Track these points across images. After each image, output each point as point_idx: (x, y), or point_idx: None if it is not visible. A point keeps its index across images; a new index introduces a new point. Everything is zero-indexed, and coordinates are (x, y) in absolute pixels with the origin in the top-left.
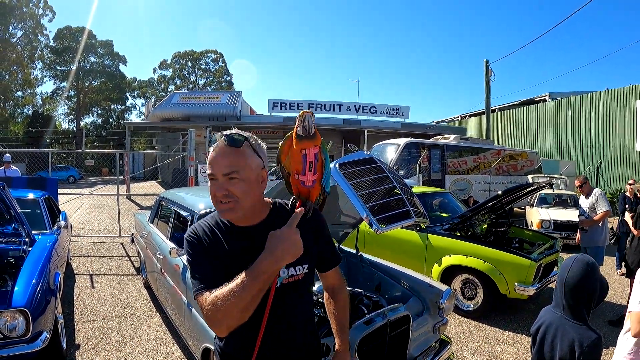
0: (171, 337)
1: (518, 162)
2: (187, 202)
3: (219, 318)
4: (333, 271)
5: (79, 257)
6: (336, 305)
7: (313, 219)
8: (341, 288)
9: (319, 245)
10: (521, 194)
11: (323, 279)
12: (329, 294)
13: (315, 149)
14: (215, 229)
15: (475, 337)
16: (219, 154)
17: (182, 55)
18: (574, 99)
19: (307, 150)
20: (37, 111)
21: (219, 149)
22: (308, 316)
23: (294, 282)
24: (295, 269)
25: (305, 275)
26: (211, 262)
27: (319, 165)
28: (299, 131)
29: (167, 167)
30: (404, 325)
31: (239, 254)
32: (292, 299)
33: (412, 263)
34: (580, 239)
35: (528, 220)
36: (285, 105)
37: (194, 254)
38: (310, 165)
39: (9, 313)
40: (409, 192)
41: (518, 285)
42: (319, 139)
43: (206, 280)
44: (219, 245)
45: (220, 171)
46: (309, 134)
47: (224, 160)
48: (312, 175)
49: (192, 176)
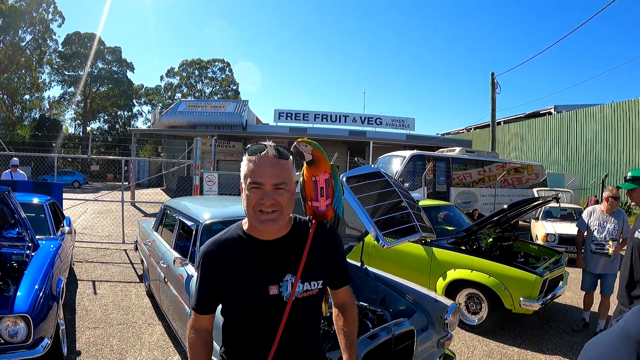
0: (173, 347)
1: (523, 175)
2: (192, 211)
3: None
4: (345, 289)
5: (82, 263)
6: (346, 322)
7: (331, 237)
8: (351, 305)
9: (335, 263)
10: (527, 208)
11: (334, 295)
12: (339, 311)
13: (325, 175)
14: (236, 244)
15: (479, 352)
16: (268, 164)
17: (190, 63)
18: (579, 112)
19: (317, 177)
20: (44, 115)
21: (266, 159)
22: (317, 330)
23: (308, 297)
24: (310, 284)
25: (319, 290)
26: (212, 288)
27: (330, 190)
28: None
29: (172, 175)
30: (408, 340)
31: (258, 267)
32: (304, 313)
33: (417, 277)
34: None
35: (533, 233)
36: (291, 115)
37: (202, 273)
38: (322, 191)
39: (10, 318)
40: (415, 207)
41: (523, 300)
42: (326, 166)
43: (199, 303)
44: (236, 262)
45: (270, 181)
46: (309, 162)
47: (274, 171)
48: (325, 200)
49: (197, 185)
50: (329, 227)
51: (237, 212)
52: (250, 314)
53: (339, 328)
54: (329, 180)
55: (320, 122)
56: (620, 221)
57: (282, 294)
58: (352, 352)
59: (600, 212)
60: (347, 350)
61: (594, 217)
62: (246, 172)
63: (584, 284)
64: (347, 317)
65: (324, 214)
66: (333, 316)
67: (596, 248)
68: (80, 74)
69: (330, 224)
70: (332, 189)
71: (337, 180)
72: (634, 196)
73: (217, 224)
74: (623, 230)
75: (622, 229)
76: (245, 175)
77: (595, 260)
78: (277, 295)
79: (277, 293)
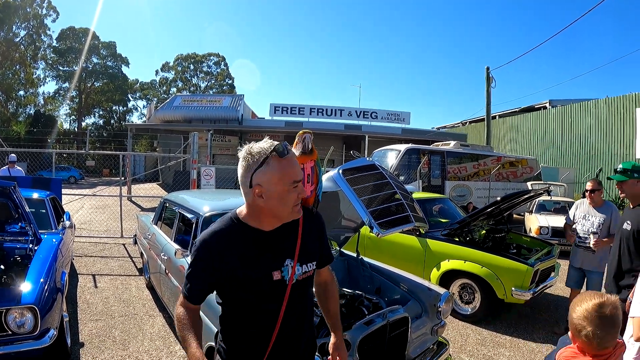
0: (174, 337)
1: (518, 168)
2: (192, 204)
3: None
4: (327, 268)
5: (81, 257)
6: (330, 298)
7: (317, 222)
8: (333, 281)
9: (322, 245)
10: (519, 200)
11: (318, 274)
12: (322, 289)
13: (311, 162)
14: (234, 234)
15: (473, 340)
16: (296, 162)
17: (185, 57)
18: (574, 107)
19: (305, 165)
20: (39, 111)
21: (294, 158)
22: (311, 308)
23: (306, 278)
24: (307, 265)
25: (313, 271)
26: (204, 278)
27: (314, 177)
28: (299, 148)
29: (168, 170)
30: (403, 326)
31: (261, 256)
32: (303, 293)
33: (412, 267)
34: (579, 261)
35: (527, 226)
36: (287, 109)
37: (197, 264)
38: (309, 178)
39: (18, 310)
40: (409, 198)
41: (515, 290)
42: (315, 154)
43: (190, 291)
44: (236, 252)
45: (301, 176)
46: (307, 150)
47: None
48: (310, 186)
49: (194, 179)
50: (315, 214)
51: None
52: (254, 300)
53: (324, 305)
54: (314, 167)
55: (315, 116)
56: (608, 215)
57: (284, 278)
58: (339, 327)
59: (587, 205)
60: (337, 326)
61: (580, 210)
62: (283, 173)
63: (568, 279)
64: (330, 295)
65: (307, 200)
66: (317, 297)
67: (579, 241)
68: (75, 69)
69: (315, 208)
70: (317, 176)
71: (320, 167)
72: (624, 188)
73: (217, 216)
74: (611, 225)
75: (610, 223)
76: (282, 176)
77: (578, 254)
78: (280, 280)
79: (280, 278)
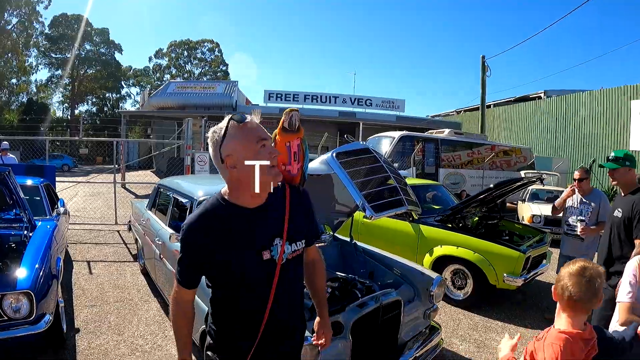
0: (169, 322)
1: (512, 157)
2: (186, 189)
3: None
4: (314, 246)
5: (76, 244)
6: (317, 276)
7: (304, 199)
8: (320, 259)
9: (310, 222)
10: (512, 187)
11: (306, 253)
12: (310, 267)
13: (297, 140)
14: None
15: (465, 325)
16: (260, 126)
17: (178, 44)
18: (569, 97)
19: (291, 142)
20: (32, 99)
21: (256, 123)
22: (302, 286)
23: (296, 257)
24: (296, 244)
25: (302, 250)
26: (197, 262)
27: (301, 154)
28: (285, 125)
29: (162, 156)
30: (395, 309)
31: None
32: (293, 271)
33: (405, 253)
34: (568, 249)
35: (520, 215)
36: (281, 96)
37: (186, 248)
38: (295, 155)
39: (13, 295)
40: (402, 182)
41: (507, 276)
42: (302, 132)
43: (182, 278)
44: (224, 232)
45: (268, 136)
46: (294, 128)
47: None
48: (297, 164)
49: (188, 165)
50: (302, 191)
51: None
52: (245, 281)
53: (313, 287)
54: (300, 145)
55: (310, 103)
56: (597, 203)
57: (274, 257)
58: (326, 308)
59: (575, 193)
60: (323, 305)
61: (569, 198)
62: (245, 136)
63: (558, 267)
64: (319, 272)
65: (294, 178)
66: (305, 276)
67: (567, 229)
68: (68, 57)
69: (301, 186)
70: (303, 153)
71: (306, 145)
72: (616, 176)
73: None
74: (599, 213)
75: (599, 211)
76: (246, 139)
77: (567, 242)
78: (269, 259)
79: (270, 257)
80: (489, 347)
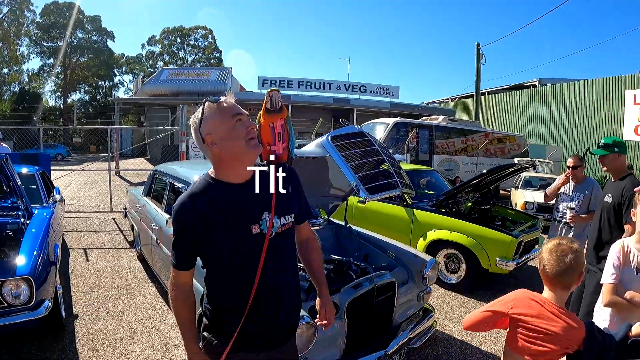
0: (166, 306)
1: (505, 145)
2: (182, 174)
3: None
4: (306, 224)
5: (71, 232)
6: (312, 253)
7: (291, 177)
8: (314, 237)
9: (300, 199)
10: (505, 173)
11: (299, 231)
12: (304, 246)
13: (281, 121)
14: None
15: (458, 308)
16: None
17: (171, 31)
18: (563, 86)
19: (274, 123)
20: (24, 88)
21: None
22: (294, 261)
23: (286, 230)
24: (285, 217)
25: (292, 224)
26: (190, 242)
27: (285, 134)
28: (267, 106)
29: (156, 144)
30: (389, 291)
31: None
32: (283, 245)
33: (399, 237)
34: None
35: (513, 201)
36: (275, 82)
37: (179, 229)
38: (279, 136)
39: (13, 281)
40: (396, 165)
41: (499, 260)
42: (285, 112)
43: (178, 260)
44: (213, 210)
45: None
46: (276, 108)
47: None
48: (282, 144)
49: (183, 151)
50: (288, 168)
51: None
52: (235, 255)
53: (309, 265)
54: (284, 125)
55: (304, 89)
56: (589, 192)
57: (263, 231)
58: (325, 286)
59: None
60: (323, 283)
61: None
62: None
63: None
64: (313, 250)
65: (280, 158)
66: (300, 255)
67: (557, 216)
68: (60, 45)
69: (288, 165)
70: (287, 133)
71: (290, 125)
72: (605, 162)
73: None
74: (591, 202)
75: (590, 199)
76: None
77: (555, 229)
78: (258, 233)
79: (259, 231)
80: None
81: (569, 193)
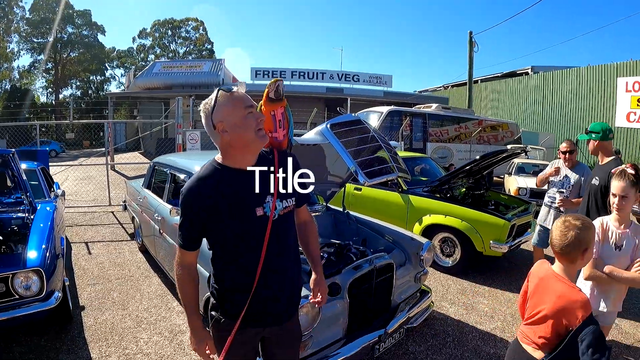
0: (171, 295)
1: (499, 132)
2: (183, 164)
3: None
4: (305, 207)
5: (72, 227)
6: (310, 236)
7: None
8: (312, 220)
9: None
10: (497, 159)
11: (297, 214)
12: (302, 228)
13: (281, 109)
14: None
15: (454, 289)
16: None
17: (162, 23)
18: (556, 74)
19: (275, 111)
20: (15, 85)
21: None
22: (296, 242)
23: (287, 213)
24: (287, 200)
25: (293, 207)
26: (197, 224)
27: (285, 122)
28: (271, 95)
29: (150, 137)
30: (388, 272)
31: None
32: (285, 227)
33: (395, 222)
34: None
35: (506, 187)
36: (268, 73)
37: (186, 211)
38: (280, 123)
39: (23, 273)
40: (392, 151)
41: (493, 243)
42: (284, 101)
43: (184, 241)
44: (220, 193)
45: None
46: (280, 97)
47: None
48: (282, 130)
49: (179, 144)
50: (289, 154)
51: None
52: (240, 236)
53: (306, 247)
54: (284, 113)
55: (297, 79)
56: (579, 176)
57: (266, 213)
58: (320, 267)
59: (561, 165)
60: (317, 264)
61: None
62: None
63: (535, 237)
64: (310, 233)
65: (281, 144)
66: (299, 237)
67: (548, 200)
68: (50, 41)
69: (288, 151)
70: (287, 121)
71: (289, 112)
72: (589, 147)
73: None
74: (581, 187)
75: (581, 185)
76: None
77: (546, 213)
78: (262, 215)
79: (263, 214)
80: (477, 309)
81: (560, 178)
